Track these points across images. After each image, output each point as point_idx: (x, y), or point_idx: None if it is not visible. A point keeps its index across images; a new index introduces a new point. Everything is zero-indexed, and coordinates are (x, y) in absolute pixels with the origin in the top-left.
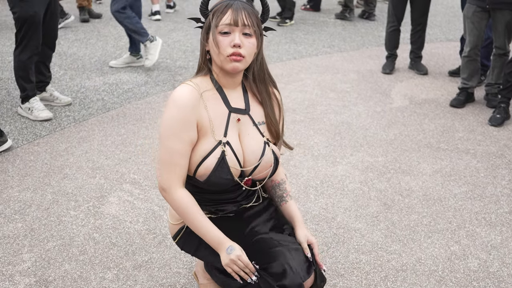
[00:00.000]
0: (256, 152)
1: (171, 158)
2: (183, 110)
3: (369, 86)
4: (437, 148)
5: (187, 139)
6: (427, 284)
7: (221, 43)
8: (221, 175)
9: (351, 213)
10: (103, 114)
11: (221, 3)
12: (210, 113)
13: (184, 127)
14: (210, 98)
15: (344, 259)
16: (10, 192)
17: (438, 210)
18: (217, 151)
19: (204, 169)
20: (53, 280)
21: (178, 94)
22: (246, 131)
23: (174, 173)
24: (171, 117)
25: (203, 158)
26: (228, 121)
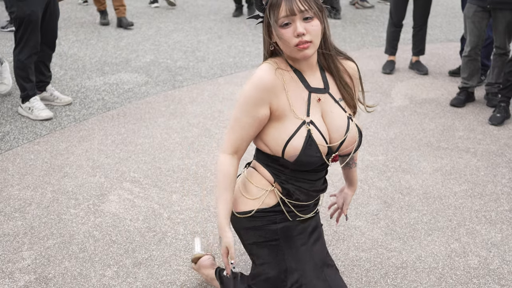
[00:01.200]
0: (341, 128)
1: (234, 125)
2: (260, 91)
3: (370, 86)
4: (437, 147)
5: (254, 114)
6: (427, 281)
7: (285, 36)
8: (311, 153)
9: (351, 211)
10: (103, 113)
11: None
12: (290, 95)
13: (256, 106)
14: (288, 80)
15: (344, 256)
16: (10, 191)
17: (438, 208)
18: (302, 130)
19: (293, 148)
20: (53, 278)
21: (258, 74)
22: (329, 110)
23: (232, 137)
24: (247, 95)
25: (289, 138)
26: (309, 101)
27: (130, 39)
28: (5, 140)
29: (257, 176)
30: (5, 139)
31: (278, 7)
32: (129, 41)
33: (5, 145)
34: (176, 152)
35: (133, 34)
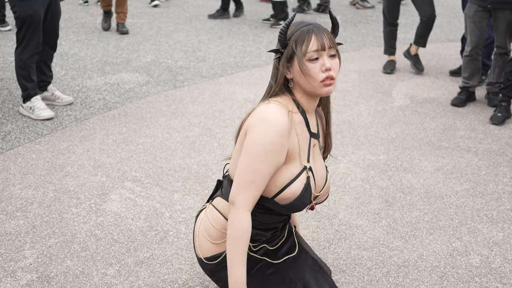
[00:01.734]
0: (323, 178)
1: (254, 177)
2: (281, 137)
3: (370, 86)
4: (438, 146)
5: (276, 163)
6: (429, 279)
7: (313, 70)
8: (304, 200)
9: (352, 210)
10: (105, 113)
11: (299, 29)
12: (300, 138)
13: (278, 153)
14: (297, 122)
15: (346, 255)
16: (12, 190)
17: (439, 207)
18: (303, 176)
19: (291, 193)
20: (55, 276)
21: (276, 117)
22: (316, 157)
23: (251, 192)
24: (268, 141)
25: (289, 182)
26: (309, 146)
27: (131, 39)
28: (7, 139)
29: (221, 220)
30: (6, 139)
31: (308, 41)
32: (130, 41)
33: (6, 144)
34: (178, 151)
35: (134, 35)
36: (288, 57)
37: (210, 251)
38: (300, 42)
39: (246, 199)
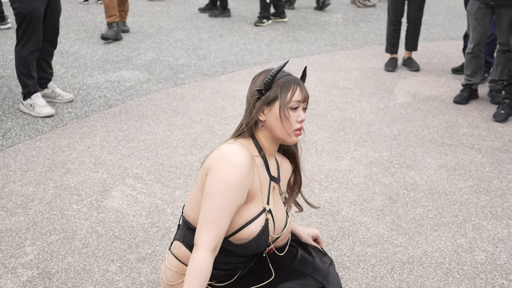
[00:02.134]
0: (282, 222)
1: (216, 217)
2: (243, 175)
3: (372, 84)
4: (441, 143)
5: (238, 201)
6: (434, 276)
7: (292, 118)
8: (261, 243)
9: (356, 207)
10: (105, 110)
11: (284, 77)
12: (261, 179)
13: (239, 191)
14: (258, 165)
15: (349, 251)
16: (12, 187)
17: (443, 203)
18: (261, 218)
19: (247, 234)
20: (56, 273)
21: (237, 157)
22: (276, 200)
23: (213, 232)
24: (230, 179)
25: (247, 223)
26: (269, 189)
27: (131, 38)
28: (7, 136)
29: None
30: (6, 136)
31: (293, 91)
32: (130, 39)
33: (7, 141)
34: (179, 148)
35: (134, 33)
36: (269, 100)
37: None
38: (285, 89)
39: (207, 238)
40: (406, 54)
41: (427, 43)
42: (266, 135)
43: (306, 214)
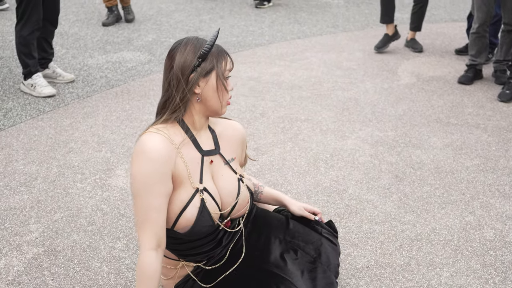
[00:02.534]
0: (232, 193)
1: (147, 215)
2: (158, 165)
3: (375, 64)
4: (447, 123)
5: (163, 192)
6: (443, 253)
7: (228, 87)
8: (203, 224)
9: (362, 185)
10: (107, 90)
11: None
12: (186, 161)
13: (160, 182)
14: (182, 146)
15: (357, 229)
16: (15, 166)
17: (450, 182)
18: (196, 199)
19: (185, 220)
20: (61, 250)
21: (150, 145)
22: (219, 172)
23: (149, 230)
24: (144, 172)
25: (182, 210)
26: (202, 165)
27: None
28: (8, 116)
29: (165, 260)
30: (8, 116)
31: (226, 60)
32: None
33: (8, 121)
34: None
35: (134, 14)
36: (205, 71)
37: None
38: (220, 59)
39: (145, 239)
40: (410, 35)
41: (430, 24)
42: (198, 108)
43: (313, 193)
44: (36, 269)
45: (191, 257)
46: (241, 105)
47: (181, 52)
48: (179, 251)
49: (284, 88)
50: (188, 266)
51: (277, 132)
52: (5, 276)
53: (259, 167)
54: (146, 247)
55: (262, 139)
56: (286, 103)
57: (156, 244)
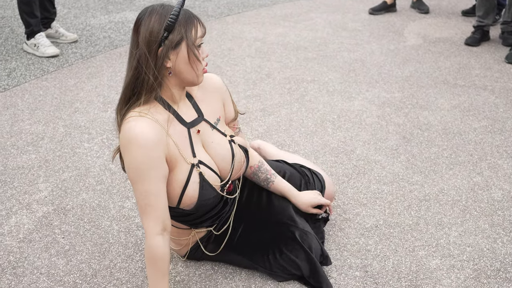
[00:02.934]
0: (227, 156)
1: (147, 200)
2: (150, 150)
3: (381, 25)
4: (454, 84)
5: (160, 176)
6: (451, 213)
7: (201, 56)
8: (207, 197)
9: (370, 146)
10: (111, 51)
11: (183, 14)
12: (175, 139)
13: (154, 167)
14: (168, 124)
15: (365, 189)
16: (21, 125)
17: (458, 143)
18: (194, 175)
19: (189, 198)
20: (71, 209)
21: (136, 131)
22: (209, 140)
23: (152, 215)
24: (139, 161)
25: (183, 189)
26: (190, 138)
27: None
28: (12, 76)
29: (174, 232)
30: (11, 76)
31: (195, 26)
32: None
33: (12, 81)
34: None
35: None
36: (174, 43)
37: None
38: (189, 27)
39: (149, 224)
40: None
41: None
42: (173, 82)
43: (320, 153)
44: (47, 227)
45: (201, 224)
46: (247, 66)
47: (145, 24)
48: (189, 222)
49: (290, 49)
50: (199, 232)
51: (284, 93)
52: (16, 234)
53: (266, 127)
54: (152, 233)
55: (269, 100)
56: (292, 64)
57: (161, 228)
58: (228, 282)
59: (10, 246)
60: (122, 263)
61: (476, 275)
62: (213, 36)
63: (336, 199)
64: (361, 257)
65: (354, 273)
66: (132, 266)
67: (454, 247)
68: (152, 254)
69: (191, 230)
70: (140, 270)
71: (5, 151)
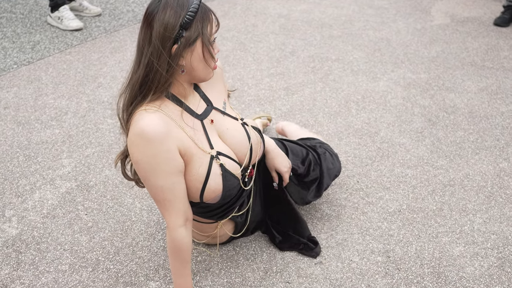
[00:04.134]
0: (243, 141)
1: (164, 195)
2: (159, 144)
3: (408, 3)
4: (481, 66)
5: (175, 169)
6: (476, 199)
7: (213, 53)
8: (231, 187)
9: (394, 128)
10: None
11: (200, 8)
12: (190, 134)
13: (166, 160)
14: (179, 119)
15: (389, 172)
16: (45, 99)
17: (485, 127)
18: (215, 167)
19: (212, 191)
20: (94, 185)
21: (142, 125)
22: (223, 127)
23: (172, 209)
24: (148, 155)
25: (203, 184)
26: (205, 130)
27: None
28: (36, 49)
29: (199, 227)
30: (36, 48)
31: (211, 21)
32: None
33: (36, 54)
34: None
35: None
36: (190, 41)
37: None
38: (205, 23)
39: (171, 217)
40: None
41: None
42: (183, 78)
43: (344, 135)
44: (70, 203)
45: (227, 214)
46: (271, 43)
47: (159, 19)
48: (216, 216)
49: (314, 26)
50: (225, 224)
51: (308, 71)
52: (40, 209)
53: (289, 107)
54: (175, 225)
55: (292, 79)
56: (316, 42)
57: (183, 220)
58: (249, 263)
59: (34, 222)
60: (144, 242)
61: (500, 263)
62: (237, 11)
63: (358, 182)
64: (383, 242)
65: (376, 258)
66: (154, 245)
67: (478, 234)
68: (177, 247)
69: (216, 223)
70: (162, 249)
71: (29, 125)
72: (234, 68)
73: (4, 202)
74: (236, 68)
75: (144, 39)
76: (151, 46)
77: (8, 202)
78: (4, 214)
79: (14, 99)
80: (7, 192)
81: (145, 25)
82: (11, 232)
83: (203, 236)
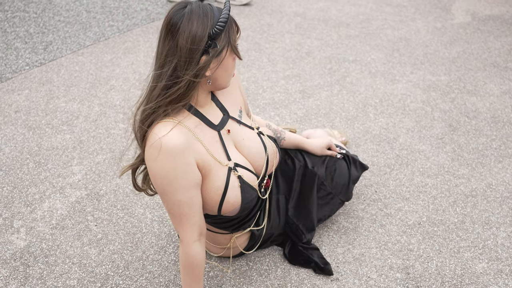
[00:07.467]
0: (260, 151)
1: (180, 210)
2: (178, 157)
3: (428, 1)
4: (504, 67)
5: (192, 183)
6: (500, 211)
7: (235, 60)
8: (249, 198)
9: (414, 134)
10: (148, 24)
11: (226, 21)
12: (207, 146)
13: (184, 174)
14: (197, 131)
15: (408, 182)
16: (56, 103)
17: (508, 133)
18: (233, 180)
19: (231, 204)
20: (104, 194)
21: (163, 139)
22: (239, 137)
23: (187, 224)
24: (166, 169)
25: (222, 197)
26: (222, 141)
27: None
28: (49, 50)
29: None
30: (48, 49)
31: (233, 29)
32: None
33: (49, 55)
34: None
35: None
36: (220, 49)
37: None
38: (231, 31)
39: (186, 232)
40: None
41: None
42: (204, 89)
43: (361, 141)
44: (80, 214)
45: (244, 226)
46: (286, 43)
47: (185, 30)
48: (231, 227)
49: (331, 25)
50: (239, 237)
51: (324, 73)
52: (49, 220)
53: (305, 111)
54: (189, 241)
55: (308, 81)
56: (333, 42)
57: (198, 234)
58: (263, 280)
59: (43, 233)
60: (155, 255)
61: None
62: (252, 9)
63: (376, 191)
64: (402, 257)
65: (395, 275)
66: (165, 259)
67: (503, 250)
68: (190, 262)
69: (231, 234)
70: (173, 263)
71: (40, 130)
72: (249, 70)
73: (13, 211)
74: (251, 70)
75: (167, 51)
76: (176, 57)
77: (17, 212)
78: (13, 224)
79: (25, 102)
80: (16, 201)
81: (169, 36)
82: (19, 244)
83: (216, 248)
